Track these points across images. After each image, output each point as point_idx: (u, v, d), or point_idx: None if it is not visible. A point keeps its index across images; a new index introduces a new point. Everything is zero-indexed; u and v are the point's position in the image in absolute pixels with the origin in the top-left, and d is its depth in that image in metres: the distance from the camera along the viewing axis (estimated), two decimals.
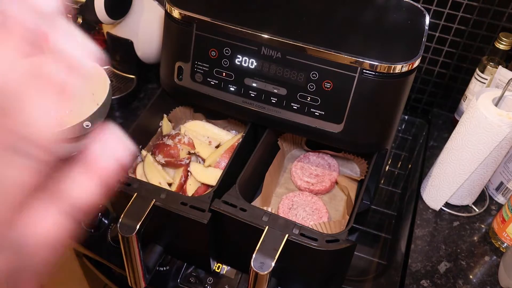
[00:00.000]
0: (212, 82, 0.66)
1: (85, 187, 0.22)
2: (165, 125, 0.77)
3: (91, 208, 0.22)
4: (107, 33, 0.92)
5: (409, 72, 0.59)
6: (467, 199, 0.77)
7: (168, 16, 0.66)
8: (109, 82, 0.80)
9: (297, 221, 0.60)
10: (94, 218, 0.73)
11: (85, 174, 0.22)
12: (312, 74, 0.60)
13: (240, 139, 0.68)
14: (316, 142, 0.80)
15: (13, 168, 0.19)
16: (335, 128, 0.62)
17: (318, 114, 0.62)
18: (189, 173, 0.72)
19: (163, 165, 0.73)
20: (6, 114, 0.19)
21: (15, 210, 0.19)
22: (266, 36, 0.60)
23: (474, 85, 0.84)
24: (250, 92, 0.64)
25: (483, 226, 0.76)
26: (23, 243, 0.20)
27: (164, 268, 0.68)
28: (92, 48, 0.24)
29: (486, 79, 0.82)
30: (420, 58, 0.59)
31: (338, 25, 0.65)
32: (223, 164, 0.72)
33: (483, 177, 0.72)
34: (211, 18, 0.62)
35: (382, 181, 0.86)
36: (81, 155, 0.23)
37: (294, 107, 0.63)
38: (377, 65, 0.57)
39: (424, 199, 0.79)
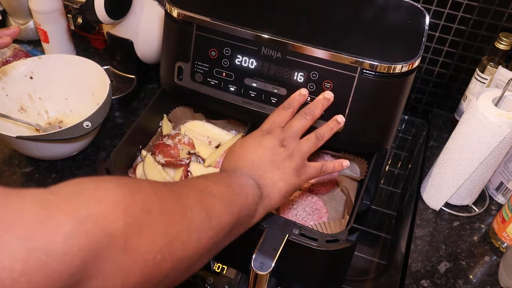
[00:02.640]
0: (212, 82, 0.66)
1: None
2: (165, 125, 0.77)
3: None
4: (107, 33, 0.92)
5: (409, 72, 0.59)
6: (467, 199, 0.77)
7: (168, 16, 0.66)
8: (109, 82, 0.80)
9: (297, 221, 0.60)
10: None
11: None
12: (312, 74, 0.60)
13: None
14: None
15: None
16: None
17: None
18: (189, 173, 0.72)
19: (163, 165, 0.73)
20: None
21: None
22: (266, 36, 0.60)
23: (474, 85, 0.85)
24: (250, 92, 0.64)
25: (483, 226, 0.76)
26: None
27: None
28: None
29: (486, 79, 0.82)
30: (420, 58, 0.59)
31: (338, 25, 0.65)
32: None
33: (483, 177, 0.72)
34: (211, 18, 0.62)
35: (382, 181, 0.86)
36: None
37: None
38: (377, 65, 0.57)
39: (424, 199, 0.79)
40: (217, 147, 0.77)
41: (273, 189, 0.50)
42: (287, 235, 0.54)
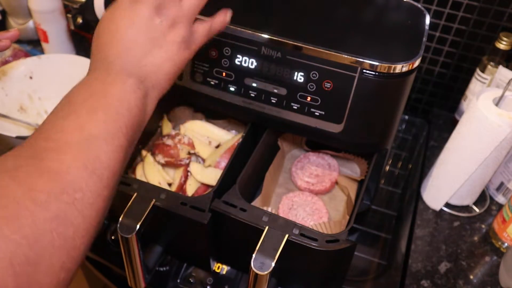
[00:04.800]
0: (212, 82, 0.66)
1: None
2: (165, 125, 0.77)
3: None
4: None
5: (409, 72, 0.59)
6: (468, 199, 0.77)
7: None
8: None
9: (297, 221, 0.60)
10: None
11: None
12: (312, 74, 0.60)
13: (240, 139, 0.68)
14: (316, 142, 0.80)
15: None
16: (335, 128, 0.62)
17: (318, 114, 0.62)
18: (189, 173, 0.72)
19: (163, 165, 0.73)
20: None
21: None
22: (266, 36, 0.60)
23: (474, 85, 0.84)
24: (250, 92, 0.64)
25: (483, 226, 0.76)
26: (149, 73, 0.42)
27: (164, 268, 0.68)
28: None
29: (487, 79, 0.82)
30: (420, 58, 0.59)
31: (338, 25, 0.65)
32: (223, 164, 0.72)
33: (484, 177, 0.72)
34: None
35: (382, 181, 0.86)
36: None
37: (294, 107, 0.63)
38: (377, 65, 0.57)
39: (424, 199, 0.79)
40: (217, 147, 0.77)
41: (159, 75, 0.43)
42: (287, 235, 0.54)
